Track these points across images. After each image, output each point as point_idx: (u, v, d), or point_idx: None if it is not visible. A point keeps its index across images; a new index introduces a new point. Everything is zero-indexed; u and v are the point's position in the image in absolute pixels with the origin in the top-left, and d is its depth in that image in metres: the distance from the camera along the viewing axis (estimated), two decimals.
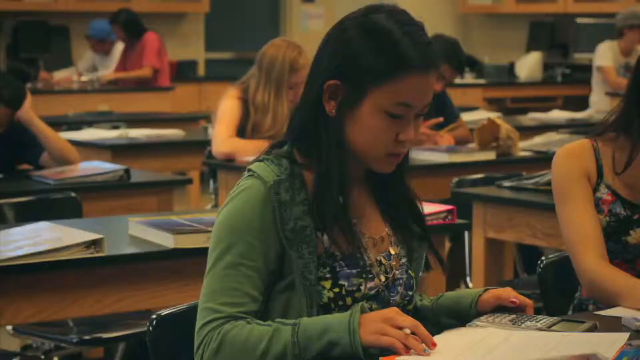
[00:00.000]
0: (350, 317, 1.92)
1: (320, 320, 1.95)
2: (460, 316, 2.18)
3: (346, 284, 2.05)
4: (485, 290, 2.21)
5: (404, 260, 2.18)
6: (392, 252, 2.16)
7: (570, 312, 2.71)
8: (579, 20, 10.63)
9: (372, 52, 2.02)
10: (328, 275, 2.04)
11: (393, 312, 1.93)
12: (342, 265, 2.05)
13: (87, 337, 3.48)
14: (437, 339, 2.01)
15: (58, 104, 8.39)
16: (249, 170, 2.08)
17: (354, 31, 2.04)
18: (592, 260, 2.49)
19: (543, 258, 2.82)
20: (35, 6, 9.91)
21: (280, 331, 1.94)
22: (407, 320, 1.90)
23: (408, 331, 1.88)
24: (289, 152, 2.10)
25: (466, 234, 4.49)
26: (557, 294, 2.79)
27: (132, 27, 9.12)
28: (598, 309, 2.46)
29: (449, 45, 5.38)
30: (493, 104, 10.03)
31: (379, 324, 1.90)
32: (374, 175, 2.16)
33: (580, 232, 2.53)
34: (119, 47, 9.46)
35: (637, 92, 2.57)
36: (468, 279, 4.42)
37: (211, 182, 6.19)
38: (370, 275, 2.08)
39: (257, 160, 2.11)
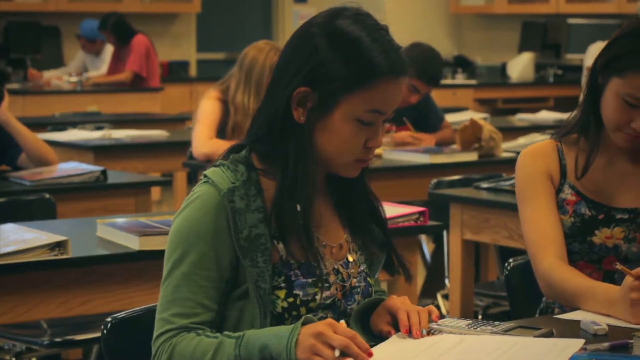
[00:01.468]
0: (290, 333, 1.89)
1: (263, 334, 1.93)
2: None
3: (301, 293, 2.02)
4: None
5: (363, 267, 2.15)
6: (351, 259, 2.14)
7: (537, 316, 2.69)
8: (571, 20, 10.61)
9: (342, 61, 2.00)
10: (283, 285, 2.02)
11: (325, 326, 1.89)
12: (297, 274, 2.03)
13: (58, 340, 3.45)
14: (389, 342, 2.00)
15: (48, 105, 8.38)
16: (204, 175, 2.06)
17: (322, 39, 2.02)
18: (550, 261, 2.47)
19: (510, 260, 2.80)
20: (25, 6, 9.90)
21: (224, 344, 1.93)
22: (338, 339, 1.86)
23: (337, 353, 1.85)
24: (247, 158, 2.08)
25: (445, 235, 4.47)
26: (524, 297, 2.77)
27: (121, 30, 9.13)
28: (564, 312, 2.44)
29: (423, 58, 5.31)
30: (484, 104, 10.02)
31: (312, 341, 1.86)
32: (335, 180, 2.13)
33: (539, 232, 2.51)
34: (110, 48, 9.46)
35: (592, 95, 2.54)
36: (447, 280, 4.40)
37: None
38: (326, 285, 2.06)
39: (214, 165, 2.09)
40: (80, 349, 4.17)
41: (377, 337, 2.07)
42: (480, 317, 4.39)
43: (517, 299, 2.79)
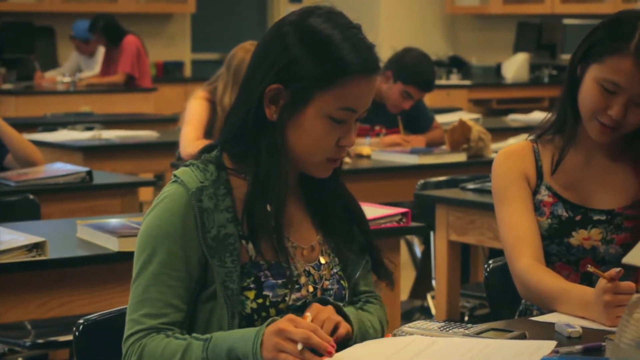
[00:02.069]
0: (255, 335, 1.89)
1: (230, 336, 1.93)
2: None
3: (270, 294, 2.01)
4: None
5: (336, 269, 2.14)
6: (323, 261, 2.12)
7: (516, 317, 2.68)
8: (566, 21, 10.60)
9: (314, 59, 2.00)
10: (252, 285, 2.01)
11: (285, 322, 1.89)
12: (267, 275, 2.02)
13: (40, 341, 3.45)
14: (359, 346, 1.99)
15: (41, 105, 8.37)
16: (174, 175, 2.06)
17: (294, 38, 2.02)
18: (526, 262, 2.45)
19: (490, 262, 2.79)
20: (19, 6, 9.90)
21: (192, 346, 1.93)
22: (299, 332, 1.86)
23: (300, 346, 1.85)
24: (218, 157, 2.07)
25: (431, 236, 4.46)
26: (504, 299, 2.75)
27: (111, 32, 9.14)
28: (542, 315, 2.43)
29: (415, 64, 5.31)
30: (478, 105, 10.01)
31: (274, 339, 1.87)
32: (308, 181, 2.12)
33: (515, 233, 2.50)
34: (103, 48, 9.45)
35: (570, 91, 2.53)
36: (433, 281, 4.38)
37: None
38: (296, 286, 2.05)
39: (184, 165, 2.08)
40: (67, 350, 4.16)
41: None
42: (466, 318, 4.38)
43: (496, 300, 2.78)
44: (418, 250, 5.66)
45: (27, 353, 3.70)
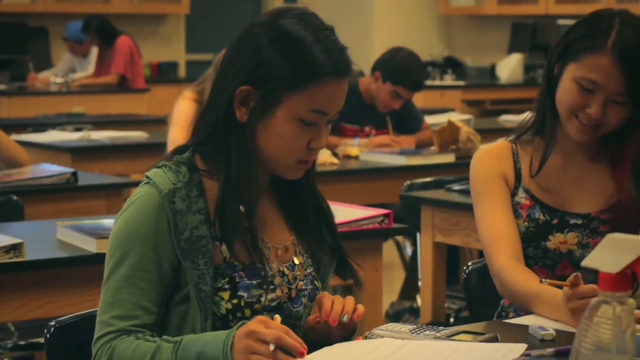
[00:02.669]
0: (226, 338, 1.88)
1: (200, 339, 1.91)
2: None
3: (245, 295, 2.00)
4: None
5: (309, 270, 2.13)
6: (297, 261, 2.12)
7: (495, 319, 2.67)
8: (561, 21, 10.58)
9: (285, 60, 1.98)
10: (227, 286, 2.00)
11: (256, 324, 1.87)
12: (241, 276, 2.01)
13: (22, 343, 3.44)
14: (329, 349, 1.98)
15: (34, 106, 8.36)
16: (146, 176, 2.05)
17: (265, 38, 2.00)
18: (503, 261, 2.44)
19: (469, 264, 2.78)
20: (13, 7, 9.89)
21: (162, 349, 1.92)
22: (270, 333, 1.84)
23: (272, 347, 1.83)
24: (190, 159, 2.06)
25: (418, 237, 4.45)
26: (483, 300, 2.74)
27: (104, 32, 9.13)
28: (518, 317, 2.42)
29: (404, 64, 5.30)
30: (472, 106, 10.00)
31: (246, 341, 1.85)
32: (281, 182, 2.11)
33: (493, 232, 2.49)
34: (96, 49, 9.44)
35: (548, 87, 2.51)
36: (420, 283, 4.37)
37: None
38: (271, 287, 2.04)
39: (156, 166, 2.07)
40: None
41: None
42: (452, 320, 4.37)
43: (475, 302, 2.77)
44: (409, 250, 5.65)
45: (10, 354, 3.69)
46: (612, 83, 2.41)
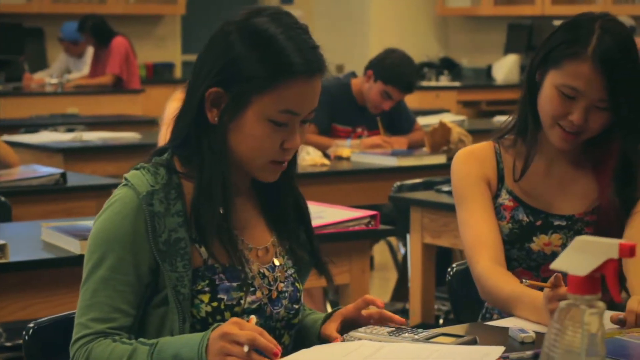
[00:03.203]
0: (201, 340, 1.87)
1: (176, 342, 1.90)
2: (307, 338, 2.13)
3: (225, 297, 1.99)
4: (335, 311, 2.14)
5: (290, 271, 2.12)
6: (277, 263, 2.10)
7: (479, 320, 2.66)
8: (557, 22, 10.53)
9: (255, 58, 1.96)
10: (207, 289, 1.99)
11: (230, 325, 1.86)
12: (221, 279, 2.00)
13: (8, 344, 3.43)
14: (307, 351, 1.97)
15: (28, 107, 8.34)
16: (125, 178, 2.03)
17: (236, 36, 1.98)
18: (484, 265, 2.42)
19: (454, 266, 2.77)
20: (8, 8, 9.87)
21: (137, 351, 1.91)
22: (244, 334, 1.83)
23: (246, 348, 1.82)
24: (168, 160, 2.05)
25: (408, 239, 4.44)
26: (467, 302, 2.73)
27: (100, 32, 9.11)
28: (503, 318, 2.41)
29: (396, 65, 5.30)
30: (468, 107, 9.99)
31: (220, 343, 1.84)
32: (261, 182, 2.10)
33: (475, 236, 2.47)
34: (92, 49, 9.43)
35: (530, 93, 2.49)
36: (409, 284, 4.36)
37: None
38: (251, 289, 2.03)
39: (135, 167, 2.06)
40: None
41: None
42: (441, 321, 4.36)
43: (460, 305, 2.76)
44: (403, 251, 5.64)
45: None
46: (594, 90, 2.38)
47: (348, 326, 2.09)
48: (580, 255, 1.37)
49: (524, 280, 2.22)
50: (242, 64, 1.96)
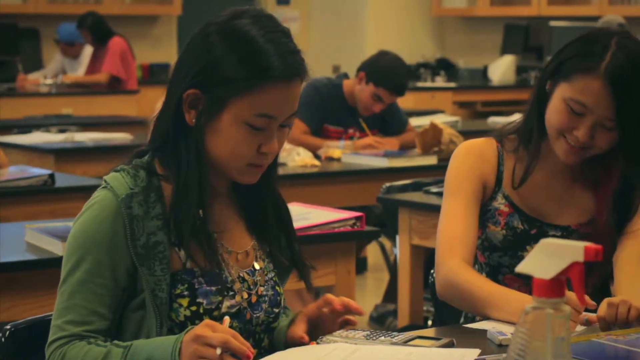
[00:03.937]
0: (174, 343, 1.86)
1: (149, 345, 1.90)
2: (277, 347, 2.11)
3: (204, 301, 1.98)
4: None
5: (270, 275, 2.11)
6: (257, 267, 2.09)
7: (462, 321, 2.65)
8: (553, 23, 10.56)
9: (233, 60, 1.94)
10: (186, 293, 1.97)
11: (202, 328, 1.85)
12: (201, 282, 1.98)
13: None
14: (282, 354, 1.96)
15: (23, 107, 8.33)
16: (104, 180, 2.03)
17: (216, 37, 1.96)
18: (457, 262, 2.39)
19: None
20: (4, 8, 9.85)
21: (111, 354, 1.90)
22: (217, 337, 1.82)
23: (219, 350, 1.81)
24: (149, 163, 2.03)
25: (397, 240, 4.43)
26: (449, 304, 2.72)
27: (98, 30, 9.10)
28: (484, 321, 2.39)
29: (388, 67, 5.30)
30: (463, 107, 9.98)
31: (193, 346, 1.83)
32: (241, 185, 2.08)
33: (450, 231, 2.44)
34: (88, 50, 9.43)
35: (538, 102, 2.44)
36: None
37: None
38: (231, 292, 2.01)
39: (114, 169, 2.05)
40: None
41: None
42: (430, 322, 4.35)
43: (442, 306, 2.74)
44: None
45: None
46: (602, 107, 2.33)
47: (314, 327, 2.07)
48: (546, 258, 1.36)
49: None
50: (221, 66, 1.94)
